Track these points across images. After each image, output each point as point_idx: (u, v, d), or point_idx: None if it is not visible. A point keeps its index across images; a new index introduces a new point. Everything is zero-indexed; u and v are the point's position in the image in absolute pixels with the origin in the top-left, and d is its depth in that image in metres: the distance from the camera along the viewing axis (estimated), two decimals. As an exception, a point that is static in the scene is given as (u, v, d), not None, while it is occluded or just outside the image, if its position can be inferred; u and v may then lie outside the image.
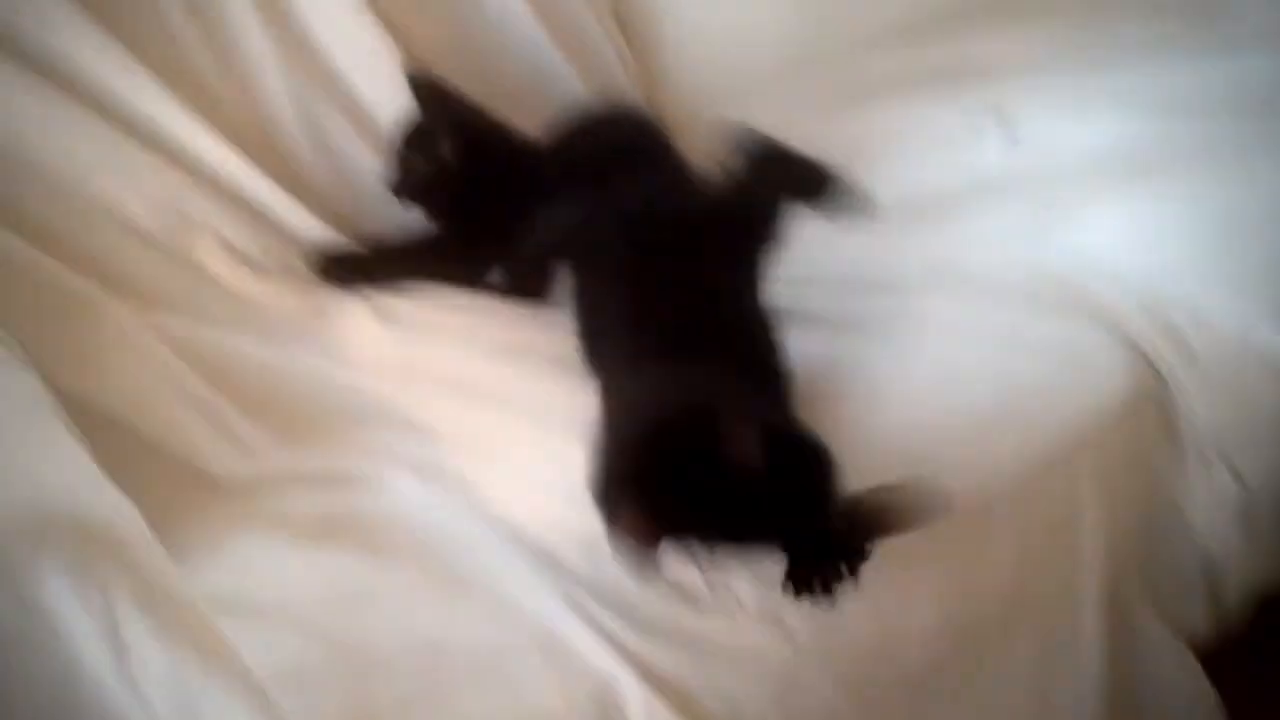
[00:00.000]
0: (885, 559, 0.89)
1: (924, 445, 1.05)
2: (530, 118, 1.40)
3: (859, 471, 0.92)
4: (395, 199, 1.30)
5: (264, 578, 0.94)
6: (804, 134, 1.55)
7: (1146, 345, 1.16)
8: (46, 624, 0.70)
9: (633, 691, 0.86)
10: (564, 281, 1.20)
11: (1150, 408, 1.15)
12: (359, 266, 1.29)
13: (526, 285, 1.26)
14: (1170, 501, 1.16)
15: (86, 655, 0.70)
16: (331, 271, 1.27)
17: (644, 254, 1.10)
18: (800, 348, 1.12)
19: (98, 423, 0.95)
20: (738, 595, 0.92)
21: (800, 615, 0.91)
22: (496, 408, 1.10)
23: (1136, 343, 1.17)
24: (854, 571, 0.85)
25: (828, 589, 0.85)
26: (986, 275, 1.24)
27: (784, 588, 0.86)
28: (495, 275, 1.28)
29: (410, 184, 1.30)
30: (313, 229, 1.30)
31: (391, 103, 1.33)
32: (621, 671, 0.87)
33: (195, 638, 0.73)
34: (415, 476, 1.03)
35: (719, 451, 0.81)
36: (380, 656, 0.87)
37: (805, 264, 1.23)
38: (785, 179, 1.27)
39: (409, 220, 1.32)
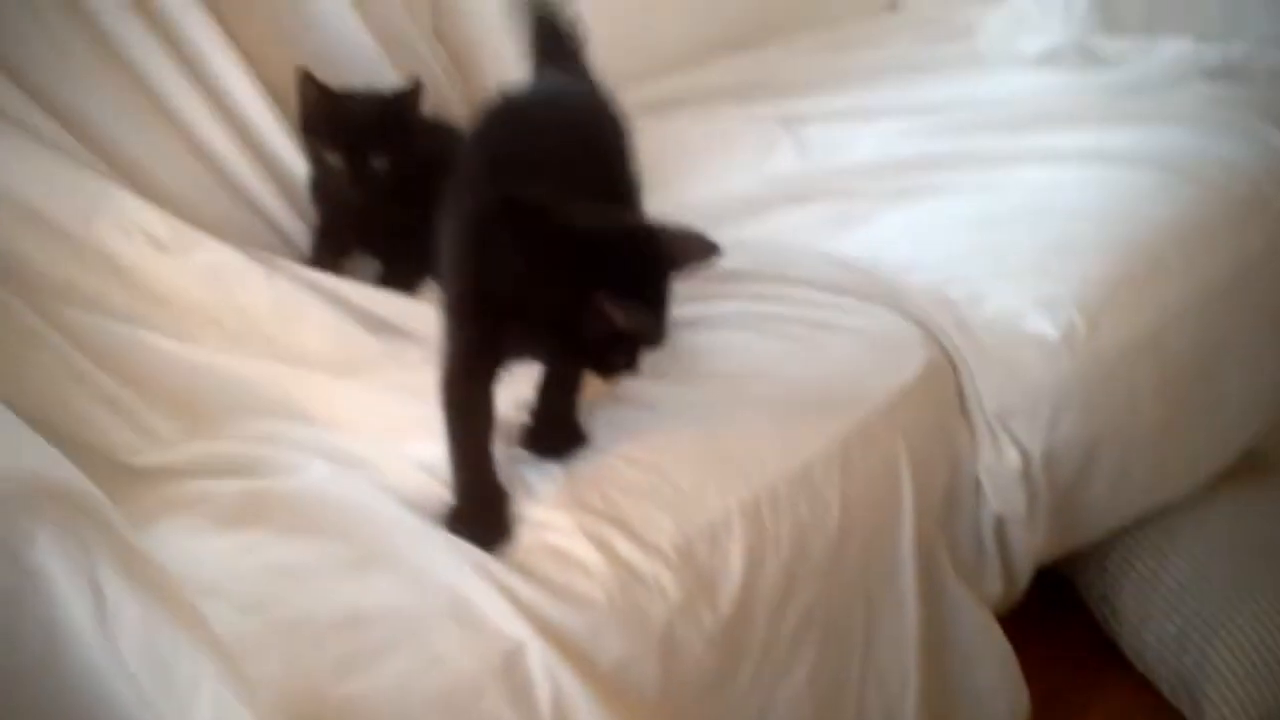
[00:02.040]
0: (737, 530, 1.01)
1: (743, 424, 1.11)
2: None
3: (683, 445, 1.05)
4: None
5: (191, 560, 0.93)
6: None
7: (935, 328, 1.26)
8: (34, 581, 0.72)
9: (538, 654, 0.90)
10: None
11: (944, 384, 1.24)
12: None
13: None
14: (967, 471, 1.25)
15: (70, 611, 0.73)
16: None
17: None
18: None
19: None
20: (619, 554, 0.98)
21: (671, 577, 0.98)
22: (391, 391, 1.14)
23: (927, 326, 1.26)
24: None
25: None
26: (790, 269, 1.31)
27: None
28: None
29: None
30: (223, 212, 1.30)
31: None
32: (528, 635, 0.90)
33: (167, 598, 0.76)
34: (324, 459, 1.05)
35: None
36: (311, 629, 0.88)
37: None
38: None
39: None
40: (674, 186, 1.54)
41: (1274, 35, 1.76)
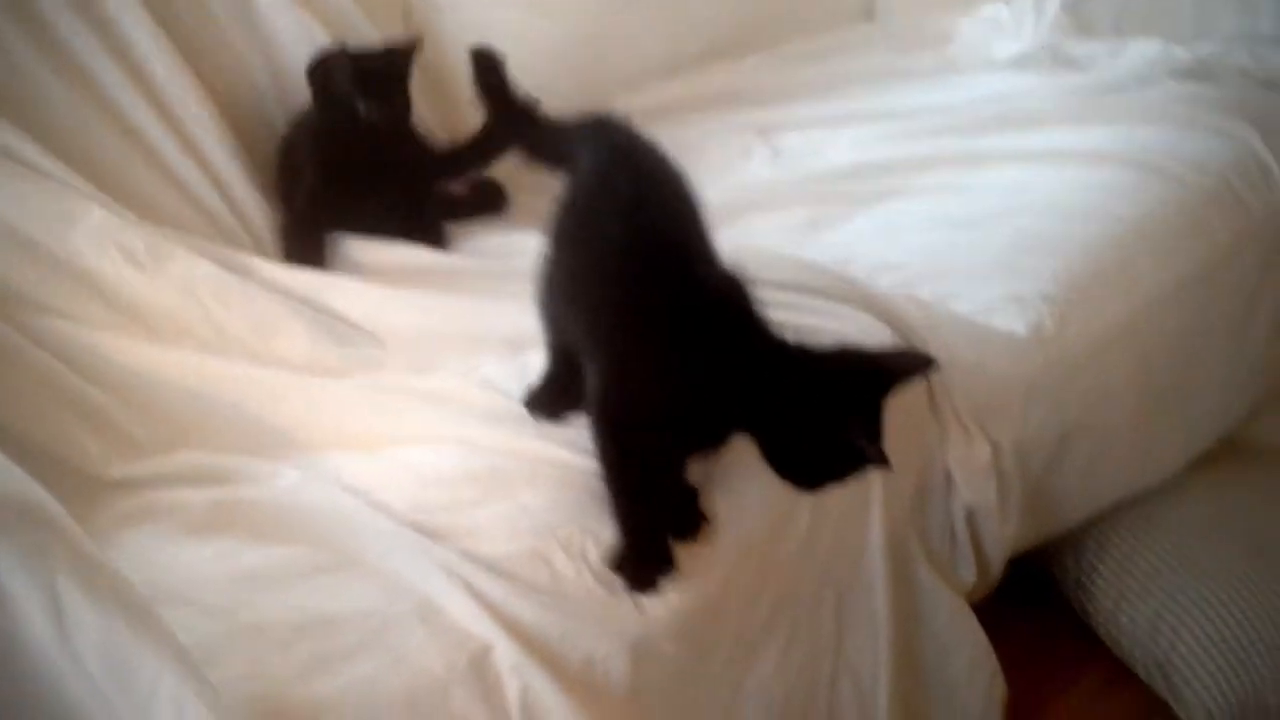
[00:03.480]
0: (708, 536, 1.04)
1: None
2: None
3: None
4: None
5: (161, 568, 0.95)
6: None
7: (906, 326, 1.29)
8: None
9: (506, 653, 0.91)
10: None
11: (914, 383, 1.27)
12: None
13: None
14: (938, 464, 1.27)
15: (29, 621, 0.74)
16: None
17: None
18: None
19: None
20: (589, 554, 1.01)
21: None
22: (364, 397, 1.16)
23: (897, 325, 1.29)
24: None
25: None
26: (762, 272, 1.34)
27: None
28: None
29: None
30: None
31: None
32: (496, 635, 0.92)
33: (126, 606, 0.78)
34: (294, 466, 1.07)
35: None
36: (278, 632, 0.90)
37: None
38: None
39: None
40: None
41: (1241, 35, 1.79)
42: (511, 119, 1.21)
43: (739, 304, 1.02)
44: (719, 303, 1.01)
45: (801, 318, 1.27)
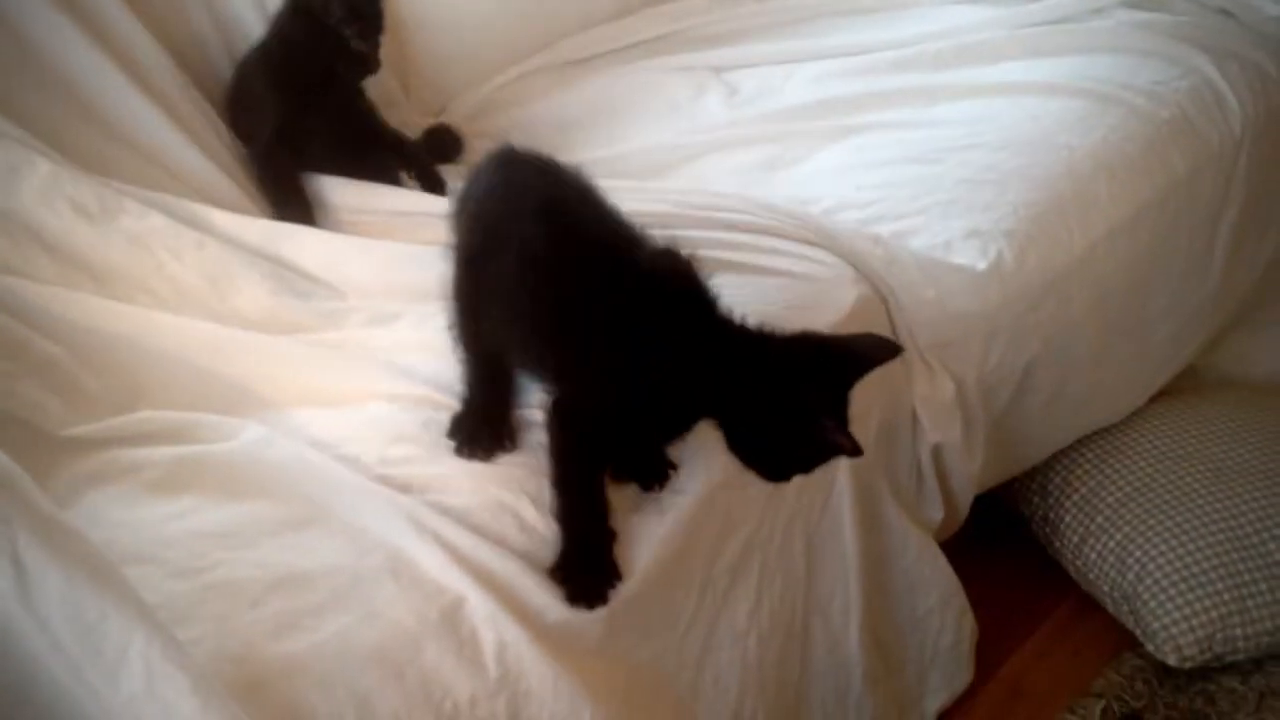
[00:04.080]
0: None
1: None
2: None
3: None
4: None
5: (124, 527, 0.93)
6: (544, 103, 1.64)
7: (865, 266, 1.28)
8: None
9: (479, 605, 0.91)
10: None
11: (876, 320, 1.26)
12: None
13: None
14: (903, 403, 1.27)
15: None
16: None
17: None
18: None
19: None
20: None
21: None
22: (325, 351, 1.14)
23: (857, 264, 1.28)
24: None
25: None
26: (720, 214, 1.32)
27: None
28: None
29: None
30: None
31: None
32: (468, 587, 0.91)
33: (88, 564, 0.76)
34: (257, 422, 1.05)
35: None
36: (248, 590, 0.89)
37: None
38: None
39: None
40: (604, 138, 1.56)
41: (1194, -40, 1.78)
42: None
43: (684, 282, 1.00)
44: (661, 282, 1.00)
45: (762, 259, 1.27)
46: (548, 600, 0.94)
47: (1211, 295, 1.64)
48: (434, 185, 1.42)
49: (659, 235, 1.05)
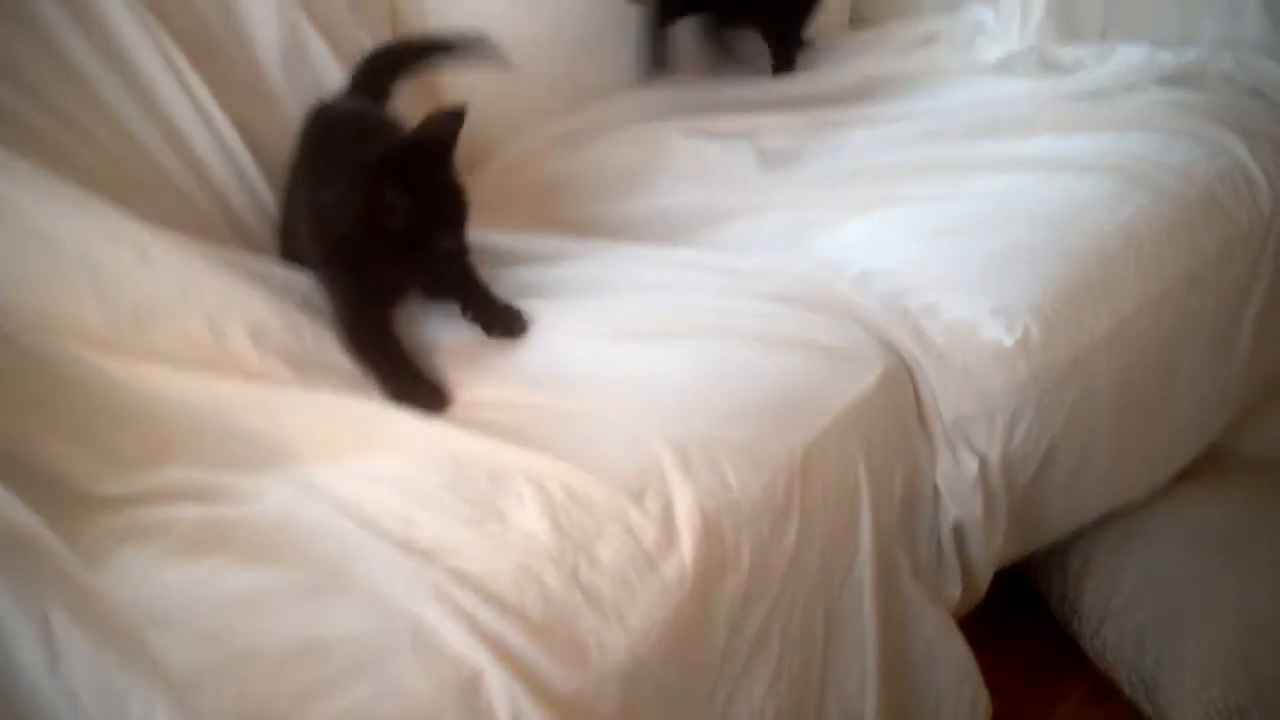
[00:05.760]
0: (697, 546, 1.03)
1: (702, 437, 1.12)
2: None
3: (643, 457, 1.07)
4: None
5: (149, 589, 0.93)
6: (576, 160, 1.66)
7: (893, 338, 1.28)
8: None
9: (497, 680, 0.90)
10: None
11: (902, 393, 1.26)
12: None
13: None
14: (925, 478, 1.27)
15: (20, 653, 0.74)
16: None
17: None
18: (573, 349, 1.23)
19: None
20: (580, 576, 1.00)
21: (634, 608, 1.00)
22: (350, 406, 1.15)
23: (884, 336, 1.28)
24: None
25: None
26: (750, 278, 1.33)
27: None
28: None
29: None
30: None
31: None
32: (487, 661, 0.91)
33: (118, 635, 0.78)
34: (284, 483, 1.05)
35: None
36: (269, 658, 0.88)
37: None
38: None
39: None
40: (637, 195, 1.58)
41: (1226, 41, 1.78)
42: None
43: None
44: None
45: (789, 328, 1.27)
46: (565, 671, 0.94)
47: (1237, 375, 1.63)
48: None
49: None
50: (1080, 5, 1.86)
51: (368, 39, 1.57)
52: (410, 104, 1.51)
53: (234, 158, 1.41)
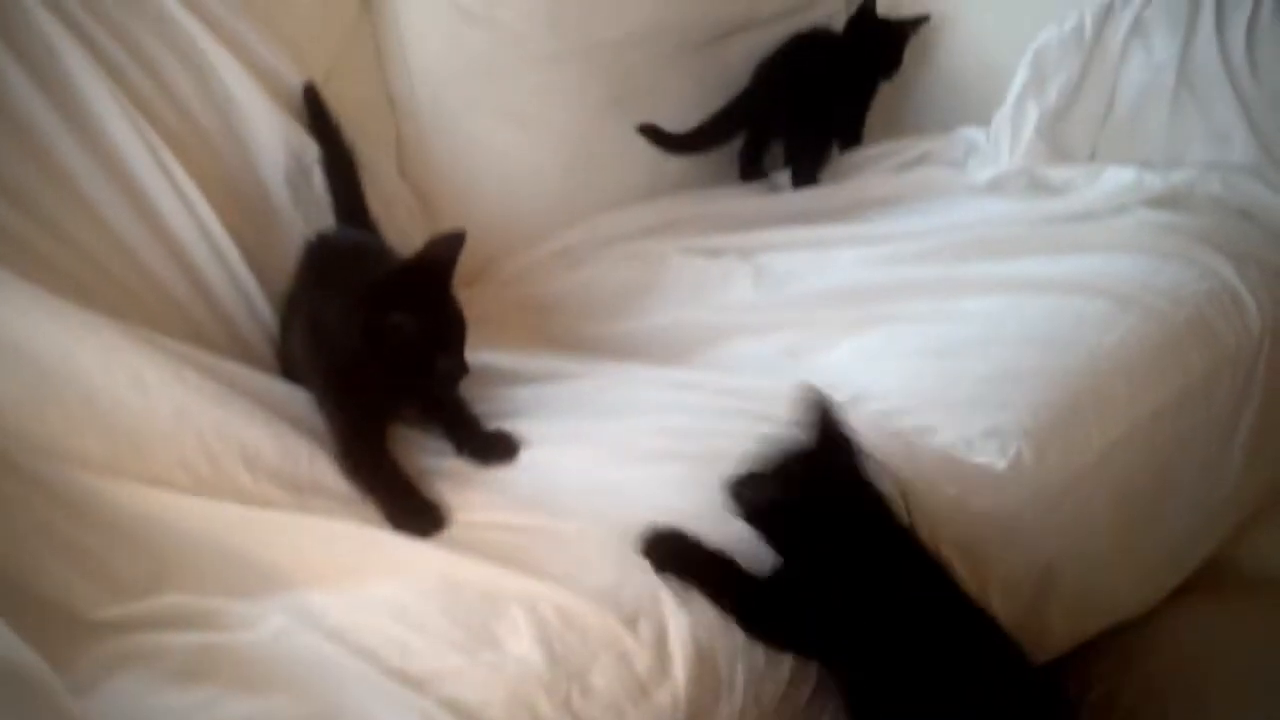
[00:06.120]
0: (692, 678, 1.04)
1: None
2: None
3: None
4: None
5: (144, 718, 0.94)
6: (576, 275, 1.69)
7: (884, 457, 1.29)
8: None
9: None
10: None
11: (896, 514, 1.27)
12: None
13: None
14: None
15: None
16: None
17: None
18: (569, 471, 1.24)
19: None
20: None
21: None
22: (346, 530, 1.16)
23: (877, 458, 1.29)
24: None
25: None
26: (745, 399, 1.35)
27: None
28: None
29: None
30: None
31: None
32: None
33: None
34: (278, 609, 1.06)
35: None
36: None
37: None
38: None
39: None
40: (634, 311, 1.61)
41: (1214, 164, 1.82)
42: None
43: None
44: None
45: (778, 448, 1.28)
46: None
47: (1231, 493, 1.63)
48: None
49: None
50: (1070, 127, 1.90)
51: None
52: (410, 221, 1.56)
53: (235, 276, 1.44)
